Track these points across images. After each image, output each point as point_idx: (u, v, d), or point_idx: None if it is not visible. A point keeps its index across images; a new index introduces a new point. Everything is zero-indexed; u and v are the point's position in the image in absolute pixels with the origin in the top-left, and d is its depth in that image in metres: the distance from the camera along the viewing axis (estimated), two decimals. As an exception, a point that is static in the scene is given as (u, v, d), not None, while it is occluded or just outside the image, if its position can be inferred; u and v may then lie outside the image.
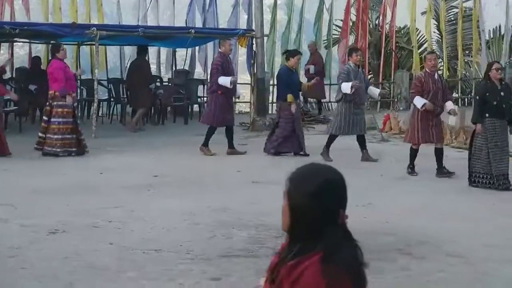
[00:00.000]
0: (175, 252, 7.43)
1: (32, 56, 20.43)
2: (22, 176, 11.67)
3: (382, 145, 15.54)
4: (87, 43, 19.63)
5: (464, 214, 9.45)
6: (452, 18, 26.47)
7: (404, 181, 11.78)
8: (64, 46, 14.34)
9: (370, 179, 11.76)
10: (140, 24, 20.53)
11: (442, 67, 23.64)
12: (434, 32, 25.74)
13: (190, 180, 11.43)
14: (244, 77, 21.33)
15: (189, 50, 22.15)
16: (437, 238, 8.10)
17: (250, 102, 19.28)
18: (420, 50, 25.16)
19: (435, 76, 12.12)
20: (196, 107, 21.03)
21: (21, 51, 25.47)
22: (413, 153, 12.20)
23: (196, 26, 20.87)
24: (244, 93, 18.90)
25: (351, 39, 24.19)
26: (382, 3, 24.42)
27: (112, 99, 20.26)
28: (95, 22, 19.96)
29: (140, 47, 18.83)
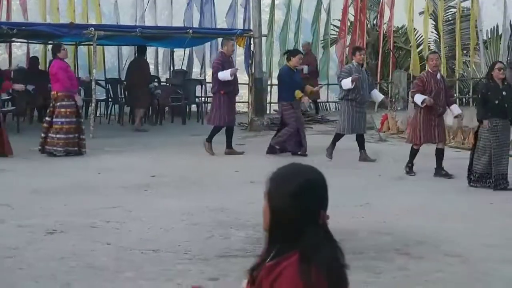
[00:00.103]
0: (173, 252, 7.42)
1: (30, 56, 20.43)
2: (19, 176, 11.66)
3: (380, 145, 15.55)
4: (85, 43, 19.64)
5: (462, 214, 9.45)
6: (450, 18, 26.50)
7: (402, 181, 11.79)
8: (64, 46, 14.35)
9: (368, 179, 11.77)
10: (137, 24, 20.54)
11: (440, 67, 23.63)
12: (432, 32, 25.77)
13: (188, 180, 11.43)
14: (242, 77, 21.29)
15: (187, 50, 22.15)
16: (435, 238, 8.10)
17: (248, 102, 19.28)
18: (418, 50, 25.17)
19: (437, 76, 12.08)
20: (194, 107, 21.01)
21: (19, 51, 25.47)
22: (413, 152, 12.20)
23: (193, 26, 20.85)
24: (242, 93, 18.87)
25: (349, 39, 24.18)
26: (380, 3, 24.45)
27: (110, 99, 20.25)
28: (93, 22, 19.96)
29: (139, 47, 18.82)
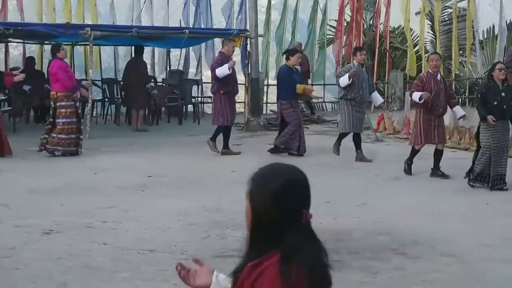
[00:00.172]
0: (169, 252, 7.43)
1: (26, 56, 20.40)
2: (16, 176, 11.64)
3: (376, 145, 15.56)
4: (81, 43, 19.60)
5: (459, 214, 9.45)
6: (446, 18, 26.53)
7: (398, 181, 11.79)
8: (64, 46, 14.33)
9: (364, 179, 11.78)
10: (134, 24, 20.51)
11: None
12: (428, 32, 25.79)
13: (185, 181, 11.42)
14: (239, 77, 21.27)
15: (183, 50, 22.13)
16: (431, 238, 8.11)
17: (244, 102, 19.28)
18: (414, 50, 25.20)
19: (437, 77, 12.05)
20: (191, 107, 21.00)
21: (15, 51, 25.43)
22: (414, 151, 12.18)
23: (190, 26, 20.84)
24: (238, 93, 18.83)
25: (345, 39, 24.17)
26: (376, 3, 24.45)
27: (106, 100, 20.22)
28: (89, 22, 19.93)
29: (136, 47, 18.81)
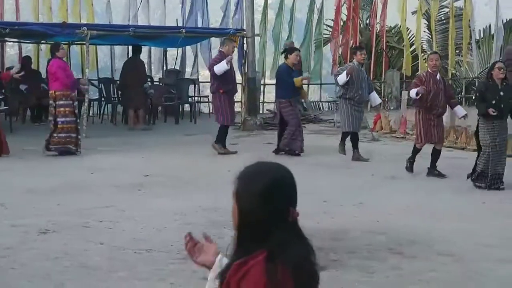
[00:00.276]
0: (166, 252, 7.42)
1: (23, 55, 20.38)
2: (13, 175, 11.63)
3: (372, 145, 15.56)
4: (78, 42, 19.60)
5: (455, 213, 9.45)
6: (443, 18, 26.56)
7: (395, 180, 11.79)
8: (63, 45, 14.32)
9: (361, 178, 11.78)
10: (130, 23, 20.50)
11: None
12: (424, 31, 25.80)
13: (181, 180, 11.42)
14: (236, 77, 21.28)
15: (180, 49, 22.13)
16: (428, 237, 8.11)
17: (241, 101, 19.28)
18: (411, 49, 25.23)
19: (436, 77, 12.01)
20: (187, 106, 21.00)
21: (12, 50, 25.40)
22: (415, 150, 12.18)
23: (186, 25, 20.83)
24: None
25: (341, 38, 24.18)
26: (373, 2, 24.47)
27: (102, 99, 20.21)
28: (86, 22, 19.90)
29: (134, 47, 18.79)
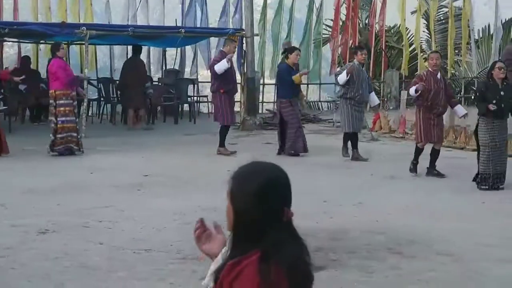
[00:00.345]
0: (165, 252, 7.43)
1: (22, 55, 20.37)
2: (12, 175, 11.63)
3: (371, 145, 15.56)
4: (77, 42, 19.59)
5: (455, 213, 9.45)
6: (442, 18, 26.57)
7: (394, 180, 11.79)
8: (63, 45, 14.32)
9: (360, 178, 11.79)
10: (129, 23, 20.49)
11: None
12: (423, 31, 25.81)
13: (181, 180, 11.42)
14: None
15: (179, 49, 22.13)
16: (427, 237, 8.11)
17: (240, 101, 19.28)
18: (410, 49, 25.24)
19: (437, 76, 11.98)
20: (186, 106, 20.99)
21: (11, 50, 25.38)
22: (418, 151, 12.11)
23: (185, 25, 20.83)
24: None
25: (340, 38, 24.18)
26: (372, 2, 24.47)
27: (102, 99, 20.21)
28: (85, 22, 19.89)
29: (134, 47, 18.78)
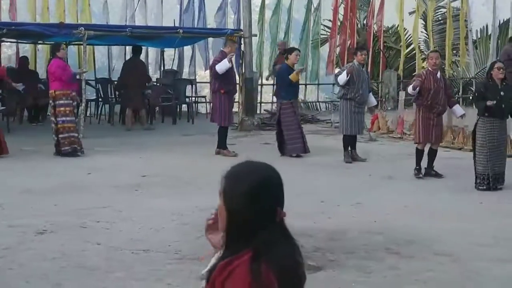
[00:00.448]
0: (163, 252, 7.42)
1: (20, 56, 20.34)
2: (10, 176, 11.61)
3: (370, 145, 15.55)
4: (75, 43, 19.56)
5: (453, 213, 9.46)
6: (440, 18, 26.57)
7: (392, 180, 11.79)
8: (64, 45, 14.29)
9: (358, 178, 11.79)
10: (128, 24, 20.48)
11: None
12: (421, 32, 25.81)
13: (179, 180, 11.41)
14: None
15: (177, 50, 22.11)
16: (425, 237, 8.12)
17: (238, 102, 19.26)
18: (408, 50, 25.24)
19: (437, 75, 11.96)
20: (185, 107, 20.98)
21: (9, 51, 25.36)
22: (418, 154, 12.02)
23: (184, 26, 20.82)
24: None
25: (338, 38, 24.16)
26: (370, 2, 24.45)
27: (100, 99, 20.19)
28: (83, 22, 19.87)
29: (134, 47, 18.76)
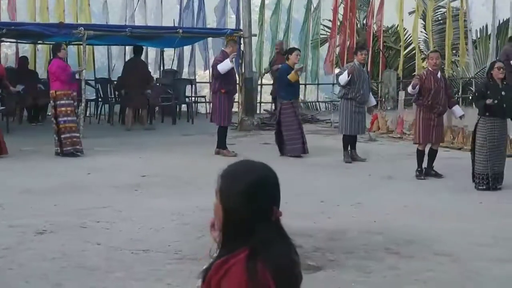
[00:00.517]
0: (163, 252, 7.42)
1: (19, 56, 20.34)
2: (10, 176, 11.60)
3: (369, 145, 15.55)
4: (75, 43, 19.55)
5: (453, 213, 9.46)
6: (439, 18, 26.56)
7: (392, 180, 11.80)
8: (64, 45, 14.29)
9: (358, 178, 11.79)
10: (127, 23, 20.47)
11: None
12: (421, 31, 25.82)
13: (179, 180, 11.41)
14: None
15: (177, 50, 22.11)
16: (425, 237, 8.12)
17: (238, 101, 19.25)
18: (408, 50, 25.24)
19: (437, 75, 11.95)
20: (184, 107, 20.98)
21: (9, 51, 25.35)
22: (419, 155, 11.98)
23: (184, 26, 20.82)
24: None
25: (338, 38, 24.16)
26: (370, 2, 24.45)
27: (99, 99, 20.18)
28: (82, 22, 19.86)
29: (135, 47, 18.75)
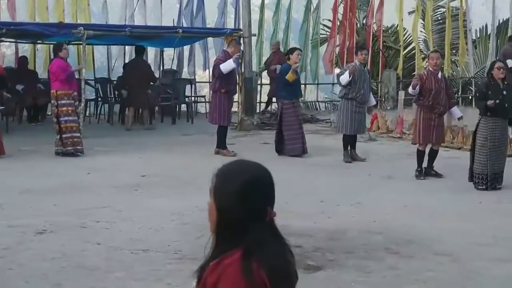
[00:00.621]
0: (163, 252, 7.42)
1: (19, 56, 20.33)
2: (9, 176, 11.60)
3: (369, 145, 15.54)
4: (74, 42, 19.55)
5: (452, 213, 9.46)
6: (439, 18, 26.56)
7: (391, 180, 11.79)
8: (66, 45, 14.28)
9: (358, 178, 11.79)
10: (127, 23, 20.46)
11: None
12: (420, 31, 25.81)
13: (179, 180, 11.40)
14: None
15: (177, 49, 22.11)
16: (425, 237, 8.12)
17: (237, 101, 19.25)
18: (407, 49, 25.24)
19: (438, 75, 11.92)
20: (184, 107, 20.98)
21: (8, 50, 25.36)
22: (420, 155, 11.97)
23: (183, 25, 20.82)
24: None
25: (338, 38, 24.16)
26: (370, 2, 24.45)
27: (99, 99, 20.18)
28: (82, 22, 19.85)
29: (137, 47, 18.75)
